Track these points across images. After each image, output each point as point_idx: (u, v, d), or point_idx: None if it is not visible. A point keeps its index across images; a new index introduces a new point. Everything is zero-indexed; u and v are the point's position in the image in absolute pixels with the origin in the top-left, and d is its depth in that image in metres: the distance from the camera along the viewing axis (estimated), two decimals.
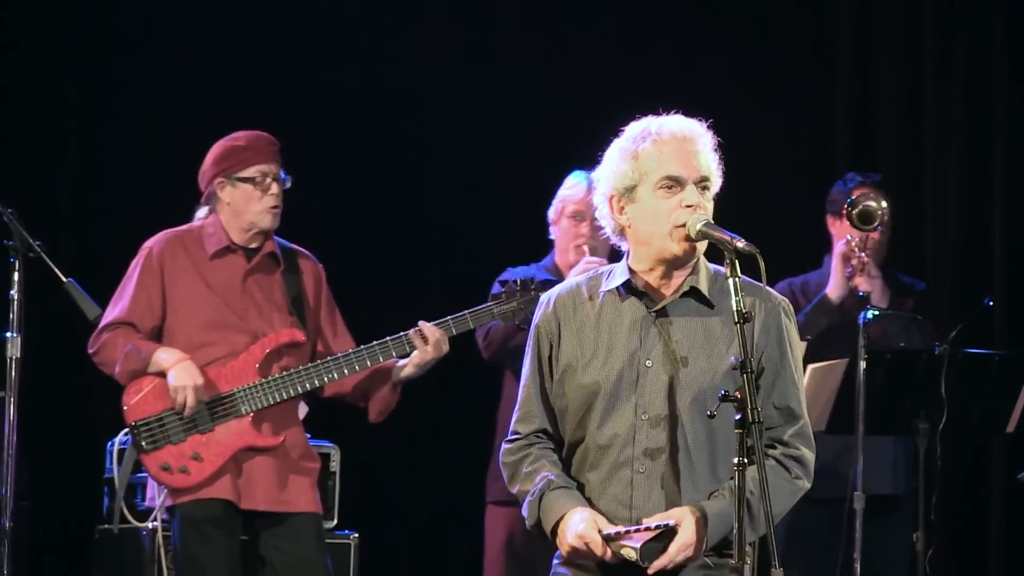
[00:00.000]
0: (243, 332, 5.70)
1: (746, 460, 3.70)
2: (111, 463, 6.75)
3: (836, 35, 7.82)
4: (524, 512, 4.00)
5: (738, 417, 3.72)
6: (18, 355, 5.19)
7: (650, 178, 3.92)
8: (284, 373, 5.67)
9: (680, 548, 3.81)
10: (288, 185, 5.79)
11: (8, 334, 5.19)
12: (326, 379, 5.69)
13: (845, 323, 6.28)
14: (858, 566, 5.92)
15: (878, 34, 7.74)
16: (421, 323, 5.73)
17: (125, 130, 7.66)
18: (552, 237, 6.51)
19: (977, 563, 7.33)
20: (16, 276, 5.21)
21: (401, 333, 5.73)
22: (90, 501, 6.81)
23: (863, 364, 5.91)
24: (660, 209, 3.91)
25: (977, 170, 7.45)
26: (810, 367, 5.97)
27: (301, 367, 5.69)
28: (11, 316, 5.20)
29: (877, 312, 6.15)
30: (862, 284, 6.33)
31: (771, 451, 3.92)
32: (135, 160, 7.64)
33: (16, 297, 5.21)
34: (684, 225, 3.89)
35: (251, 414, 5.65)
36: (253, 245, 5.79)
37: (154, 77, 7.66)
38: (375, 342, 5.71)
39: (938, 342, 6.08)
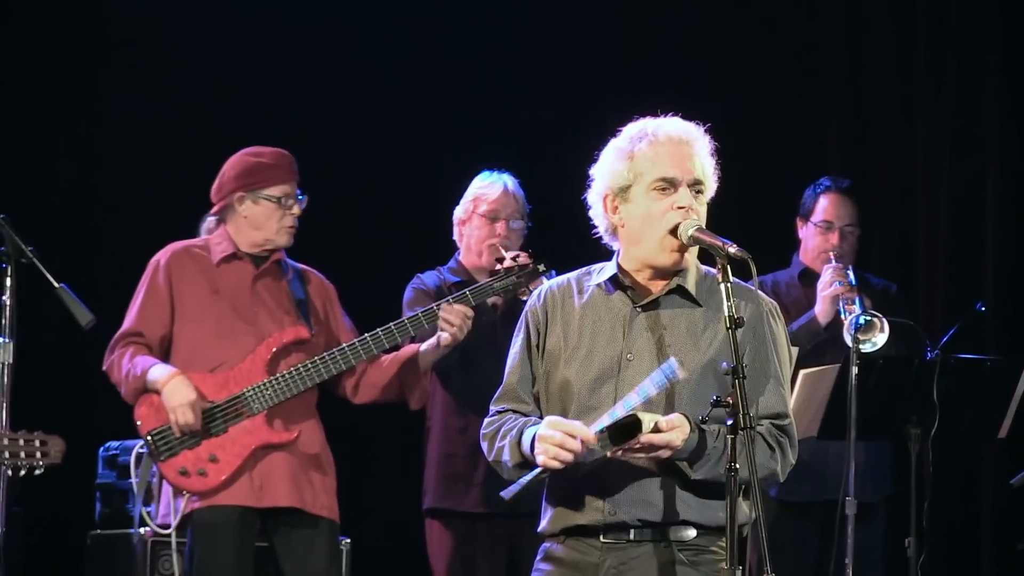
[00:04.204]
0: (252, 335, 5.75)
1: (737, 464, 3.71)
2: (103, 469, 6.76)
3: (828, 40, 7.83)
4: (506, 456, 3.98)
5: (730, 422, 3.73)
6: (10, 360, 5.19)
7: (644, 179, 3.95)
8: (292, 369, 5.71)
9: (652, 438, 3.77)
10: (304, 205, 5.81)
11: (0, 339, 5.19)
12: (333, 370, 5.73)
13: (834, 336, 6.30)
14: (850, 571, 5.92)
15: (870, 38, 7.75)
16: (444, 307, 5.77)
17: (117, 132, 7.66)
18: (455, 238, 6.42)
19: (969, 569, 7.33)
20: (8, 282, 5.21)
21: (403, 318, 5.80)
22: (82, 507, 6.80)
23: (855, 369, 5.90)
24: (653, 210, 3.94)
25: (969, 175, 7.46)
26: (802, 372, 5.97)
27: (308, 361, 5.72)
28: (3, 321, 5.19)
29: (869, 318, 6.16)
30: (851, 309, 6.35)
31: (758, 426, 3.91)
32: (128, 163, 7.65)
33: (8, 303, 5.21)
34: (676, 231, 3.90)
35: (263, 412, 5.69)
36: (262, 255, 5.84)
37: (145, 78, 7.67)
38: (379, 329, 5.76)
39: (930, 347, 6.09)
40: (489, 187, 6.34)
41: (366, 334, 5.77)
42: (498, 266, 5.98)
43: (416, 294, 6.27)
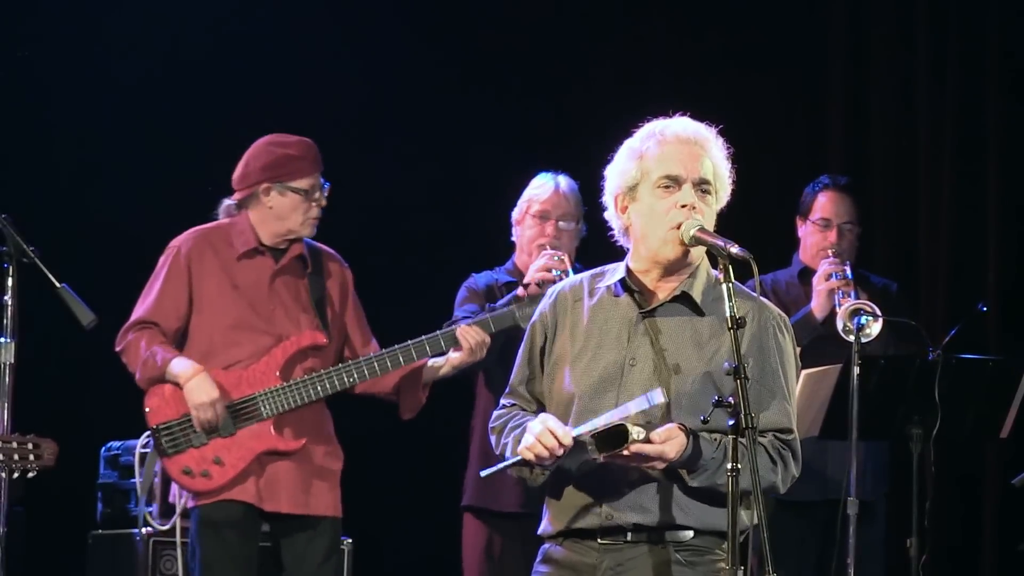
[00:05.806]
0: (268, 334, 5.73)
1: (739, 465, 3.71)
2: (104, 468, 6.76)
3: (829, 38, 7.83)
4: (508, 453, 4.03)
5: (731, 423, 3.72)
6: (11, 360, 5.19)
7: (650, 177, 3.96)
8: (306, 376, 5.70)
9: (642, 448, 3.78)
10: (327, 193, 5.82)
11: (1, 339, 5.19)
12: (347, 382, 5.73)
13: (832, 333, 6.30)
14: (852, 571, 5.92)
15: (872, 35, 7.75)
16: (462, 327, 5.81)
17: (116, 130, 7.67)
18: (514, 238, 6.48)
19: (971, 569, 7.32)
20: (10, 281, 5.22)
21: (422, 336, 5.79)
22: (84, 507, 6.80)
23: (856, 369, 5.90)
24: (656, 208, 3.95)
25: (971, 174, 7.46)
26: (803, 373, 5.96)
27: (323, 370, 5.72)
28: (4, 321, 5.20)
29: (871, 317, 6.15)
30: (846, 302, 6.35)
31: (761, 438, 3.92)
32: (128, 163, 7.65)
33: (9, 302, 5.21)
34: (679, 227, 3.91)
35: (272, 417, 5.67)
36: (282, 247, 5.81)
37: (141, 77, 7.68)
38: (396, 346, 5.76)
39: (931, 347, 6.08)
40: (541, 187, 6.40)
41: (383, 351, 5.77)
42: (520, 291, 6.01)
43: (468, 293, 6.35)
